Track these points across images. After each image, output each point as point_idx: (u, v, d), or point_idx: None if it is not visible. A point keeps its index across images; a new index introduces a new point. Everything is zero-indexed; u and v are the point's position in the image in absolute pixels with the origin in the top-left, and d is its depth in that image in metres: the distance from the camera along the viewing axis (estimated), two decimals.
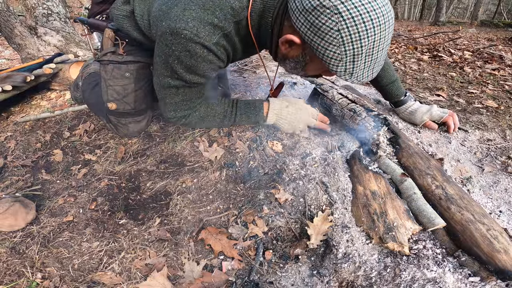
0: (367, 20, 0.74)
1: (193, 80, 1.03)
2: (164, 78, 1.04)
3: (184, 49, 0.92)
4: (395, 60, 2.69)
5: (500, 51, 2.97)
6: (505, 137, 1.38)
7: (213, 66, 1.01)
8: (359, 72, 0.85)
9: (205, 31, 0.89)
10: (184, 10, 0.89)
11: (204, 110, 1.18)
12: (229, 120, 1.23)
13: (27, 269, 0.94)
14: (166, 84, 1.05)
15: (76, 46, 2.68)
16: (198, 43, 0.91)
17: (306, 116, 1.22)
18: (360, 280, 0.80)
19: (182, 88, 1.07)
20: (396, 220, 0.88)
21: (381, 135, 1.17)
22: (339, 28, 0.75)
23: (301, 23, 0.81)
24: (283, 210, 1.02)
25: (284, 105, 1.22)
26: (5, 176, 1.37)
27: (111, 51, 1.23)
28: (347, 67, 0.83)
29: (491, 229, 0.82)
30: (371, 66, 0.85)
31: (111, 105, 1.28)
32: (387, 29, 0.78)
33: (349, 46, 0.78)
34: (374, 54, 0.81)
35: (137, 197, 1.19)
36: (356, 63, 0.82)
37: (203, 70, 1.00)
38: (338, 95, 1.37)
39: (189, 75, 1.01)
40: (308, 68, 0.97)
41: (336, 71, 0.85)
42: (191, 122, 1.20)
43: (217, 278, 0.86)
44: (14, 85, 1.82)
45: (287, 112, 1.22)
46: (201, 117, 1.19)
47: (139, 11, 1.10)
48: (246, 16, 0.94)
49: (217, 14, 0.89)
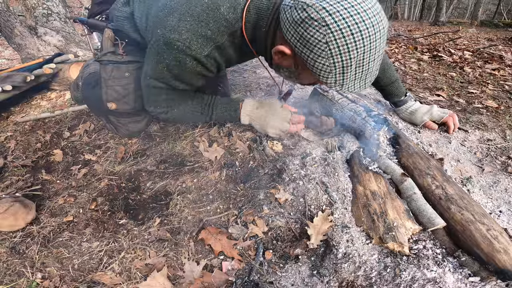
0: (356, 32, 0.73)
1: (179, 87, 1.09)
2: (150, 79, 1.08)
3: (175, 59, 0.96)
4: (395, 60, 2.69)
5: (500, 51, 2.97)
6: (505, 137, 1.38)
7: (200, 77, 1.07)
8: (350, 84, 0.84)
9: (197, 43, 0.92)
10: (179, 21, 0.91)
11: (183, 108, 1.19)
12: (205, 118, 1.24)
13: (27, 269, 0.94)
14: (151, 84, 1.09)
15: (76, 46, 2.68)
16: (189, 55, 0.94)
17: (276, 121, 1.19)
18: (360, 280, 0.80)
19: (166, 90, 1.11)
20: (396, 220, 0.88)
21: (381, 135, 1.17)
22: (327, 41, 0.75)
23: (291, 35, 0.81)
24: (283, 210, 1.02)
25: (255, 107, 1.21)
26: (5, 176, 1.37)
27: (111, 51, 1.23)
28: (337, 79, 0.83)
29: (491, 229, 0.82)
30: (362, 77, 0.84)
31: (111, 105, 1.28)
32: (378, 40, 0.77)
33: (338, 58, 0.77)
34: (365, 65, 0.81)
35: (137, 197, 1.19)
36: (346, 74, 0.81)
37: (190, 79, 1.06)
38: (338, 95, 1.37)
39: (176, 82, 1.06)
40: (301, 77, 0.97)
41: (326, 83, 0.85)
42: (169, 118, 1.21)
43: (217, 278, 0.86)
44: (14, 85, 1.82)
45: (257, 115, 1.21)
46: (180, 114, 1.20)
47: (138, 13, 1.12)
48: (240, 26, 0.95)
49: (210, 26, 0.91)
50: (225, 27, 0.93)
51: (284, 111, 1.20)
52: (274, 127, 1.19)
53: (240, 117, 1.22)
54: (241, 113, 1.21)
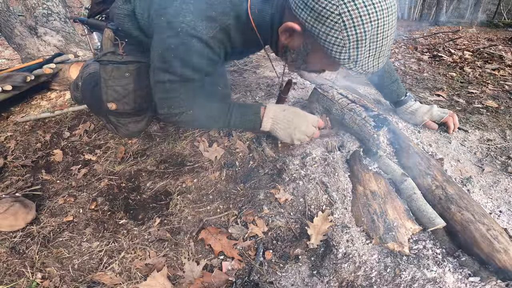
0: (369, 3, 0.71)
1: (187, 75, 1.02)
2: (159, 72, 1.04)
3: (181, 42, 0.92)
4: (395, 60, 2.69)
5: (500, 51, 2.97)
6: (505, 137, 1.38)
7: (208, 61, 1.00)
8: (364, 61, 0.81)
9: (202, 25, 0.89)
10: (182, 3, 0.89)
11: (198, 110, 1.15)
12: (223, 123, 1.17)
13: (27, 269, 0.94)
14: (161, 78, 1.05)
15: (76, 46, 2.68)
16: (195, 37, 0.90)
17: (303, 124, 1.14)
18: (360, 280, 0.80)
19: (176, 84, 1.05)
20: (396, 220, 0.88)
21: (381, 135, 1.17)
22: (340, 12, 0.73)
23: (301, 9, 0.79)
24: (283, 210, 1.02)
25: (281, 109, 1.16)
26: (5, 176, 1.37)
27: (111, 51, 1.23)
28: (351, 54, 0.79)
29: (491, 229, 0.82)
30: (376, 55, 0.81)
31: (111, 105, 1.28)
32: (391, 14, 0.75)
33: (352, 30, 0.74)
34: (379, 41, 0.78)
35: (137, 197, 1.19)
36: (360, 49, 0.78)
37: (198, 64, 0.99)
38: (338, 95, 1.37)
39: (184, 69, 1.00)
40: (309, 60, 0.93)
41: (339, 59, 0.81)
42: (184, 121, 1.15)
43: (217, 278, 0.86)
44: (14, 85, 1.82)
45: (283, 117, 1.14)
46: (195, 117, 1.15)
47: (139, 9, 1.11)
48: (246, 9, 0.93)
49: (215, 7, 0.89)
50: (230, 8, 0.91)
51: (311, 115, 1.17)
52: (301, 131, 1.14)
53: (262, 120, 1.15)
54: (264, 116, 1.15)
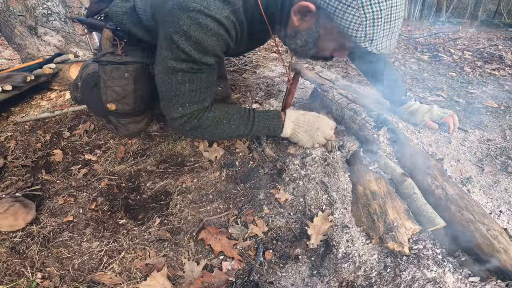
0: None
1: (201, 60, 0.94)
2: (168, 61, 0.95)
3: (194, 22, 0.87)
4: (395, 60, 2.69)
5: (500, 51, 2.97)
6: (505, 137, 1.38)
7: (222, 44, 0.94)
8: (379, 40, 0.82)
9: (215, 4, 0.86)
10: None
11: (219, 112, 1.08)
12: (245, 127, 1.12)
13: (27, 269, 0.94)
14: (170, 69, 0.96)
15: (76, 46, 2.68)
16: (209, 16, 0.86)
17: (324, 126, 1.17)
18: (360, 280, 0.80)
19: (188, 74, 0.97)
20: (396, 220, 0.88)
21: (381, 135, 1.17)
22: None
23: None
24: (283, 210, 1.02)
25: (301, 113, 1.19)
26: (5, 176, 1.37)
27: (110, 51, 1.22)
28: (367, 32, 0.80)
29: (491, 229, 0.82)
30: (389, 35, 0.83)
31: (110, 106, 1.28)
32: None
33: (368, 8, 0.76)
34: (392, 22, 0.80)
35: (137, 197, 1.19)
36: (376, 28, 0.79)
37: (213, 47, 0.92)
38: (338, 95, 1.37)
39: (197, 53, 0.92)
40: (320, 43, 0.92)
41: (356, 37, 0.81)
42: (203, 125, 1.06)
43: (217, 278, 0.86)
44: (14, 85, 1.81)
45: (304, 120, 1.17)
46: (215, 120, 1.07)
47: (140, 5, 1.10)
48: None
49: None
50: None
51: (328, 119, 1.20)
52: (324, 133, 1.17)
53: (283, 124, 1.17)
54: (286, 120, 1.17)
